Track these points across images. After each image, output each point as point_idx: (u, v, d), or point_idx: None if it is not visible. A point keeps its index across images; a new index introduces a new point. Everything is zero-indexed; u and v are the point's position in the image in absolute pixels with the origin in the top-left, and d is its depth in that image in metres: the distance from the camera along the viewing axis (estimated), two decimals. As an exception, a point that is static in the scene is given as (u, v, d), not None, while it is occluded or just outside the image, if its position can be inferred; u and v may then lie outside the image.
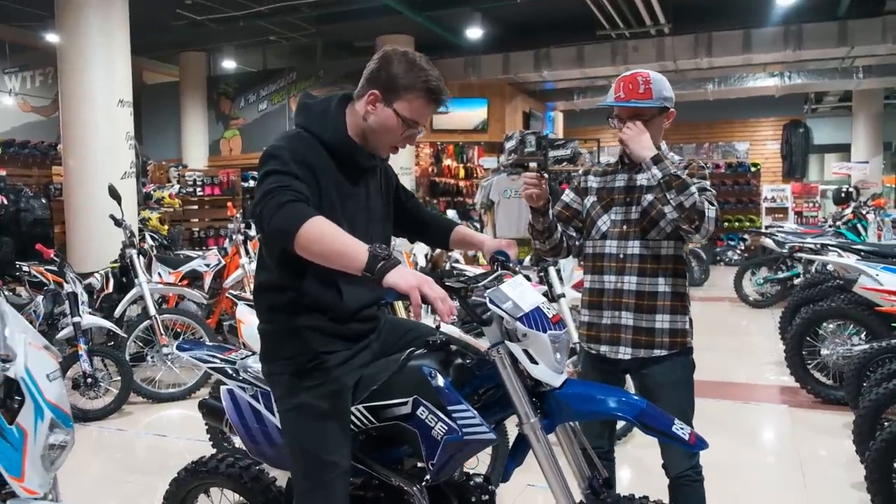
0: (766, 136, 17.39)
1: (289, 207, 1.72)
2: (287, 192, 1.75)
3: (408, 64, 1.91)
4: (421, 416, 1.87)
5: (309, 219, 1.70)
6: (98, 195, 6.58)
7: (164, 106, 15.69)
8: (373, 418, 1.97)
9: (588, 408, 1.86)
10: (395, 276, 1.64)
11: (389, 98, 1.92)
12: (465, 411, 1.83)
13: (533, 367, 1.81)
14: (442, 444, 1.84)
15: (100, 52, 7.38)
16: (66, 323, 5.07)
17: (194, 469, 2.42)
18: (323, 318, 1.95)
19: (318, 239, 1.69)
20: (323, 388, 1.92)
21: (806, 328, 5.16)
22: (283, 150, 1.86)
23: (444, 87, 1.96)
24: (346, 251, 1.68)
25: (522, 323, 1.80)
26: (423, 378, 1.89)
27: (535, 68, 13.24)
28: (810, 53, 11.95)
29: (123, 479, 3.93)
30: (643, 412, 1.81)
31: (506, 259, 2.15)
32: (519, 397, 1.83)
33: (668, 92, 2.35)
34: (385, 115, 1.93)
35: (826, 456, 4.17)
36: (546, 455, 1.84)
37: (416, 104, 1.93)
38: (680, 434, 1.81)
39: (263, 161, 1.87)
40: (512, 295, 1.83)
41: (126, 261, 5.70)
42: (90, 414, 4.94)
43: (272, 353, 2.01)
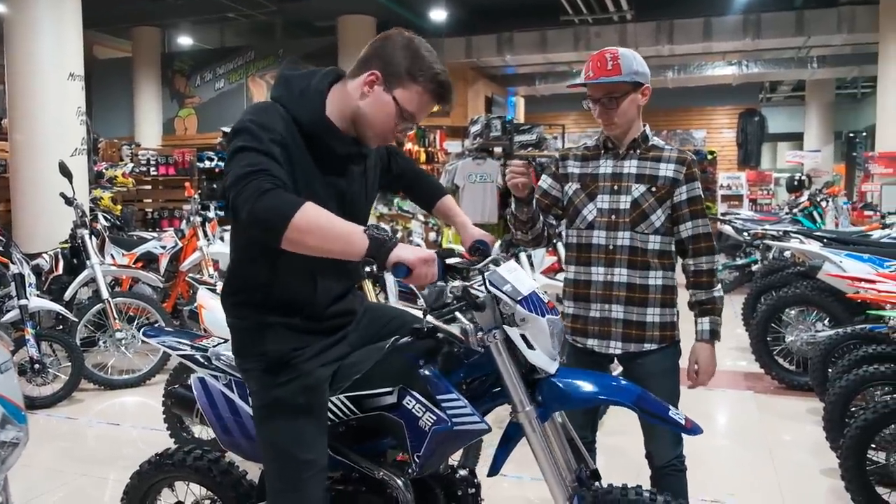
0: (723, 125, 17.70)
1: (271, 196, 1.56)
2: (266, 177, 1.58)
3: (416, 51, 1.75)
4: (407, 405, 1.80)
5: (299, 208, 1.55)
6: (47, 172, 6.32)
7: (115, 82, 15.17)
8: (355, 409, 1.88)
9: (584, 395, 1.81)
10: (401, 251, 1.57)
11: (391, 83, 1.75)
12: (456, 400, 1.77)
13: (530, 352, 1.75)
14: (429, 434, 1.77)
15: (49, 23, 7.04)
16: (12, 306, 4.84)
17: (158, 462, 2.28)
18: (295, 316, 1.85)
19: (312, 231, 1.55)
20: (297, 383, 1.82)
21: (770, 315, 5.23)
22: (256, 124, 1.68)
23: (451, 87, 1.81)
24: (343, 239, 1.57)
25: (522, 306, 1.74)
26: (409, 366, 1.82)
27: (497, 52, 13.20)
28: (768, 42, 12.18)
29: (74, 471, 3.76)
30: (640, 397, 1.79)
31: (486, 248, 2.08)
32: (514, 385, 1.77)
33: (639, 67, 2.28)
34: (383, 100, 1.76)
35: (793, 441, 4.21)
36: (542, 445, 1.79)
37: (419, 96, 1.76)
38: (677, 419, 1.79)
39: (234, 134, 1.69)
40: (510, 278, 1.79)
41: (77, 241, 5.48)
42: (38, 401, 4.73)
43: (243, 349, 1.90)
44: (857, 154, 17.28)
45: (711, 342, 2.33)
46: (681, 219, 2.32)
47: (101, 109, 15.09)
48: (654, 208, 2.30)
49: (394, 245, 1.58)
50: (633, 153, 2.35)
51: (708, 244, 2.33)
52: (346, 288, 1.96)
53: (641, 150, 2.35)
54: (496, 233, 7.57)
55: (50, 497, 3.50)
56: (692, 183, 2.31)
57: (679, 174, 2.30)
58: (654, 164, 2.32)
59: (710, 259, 2.33)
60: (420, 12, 12.68)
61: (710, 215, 10.43)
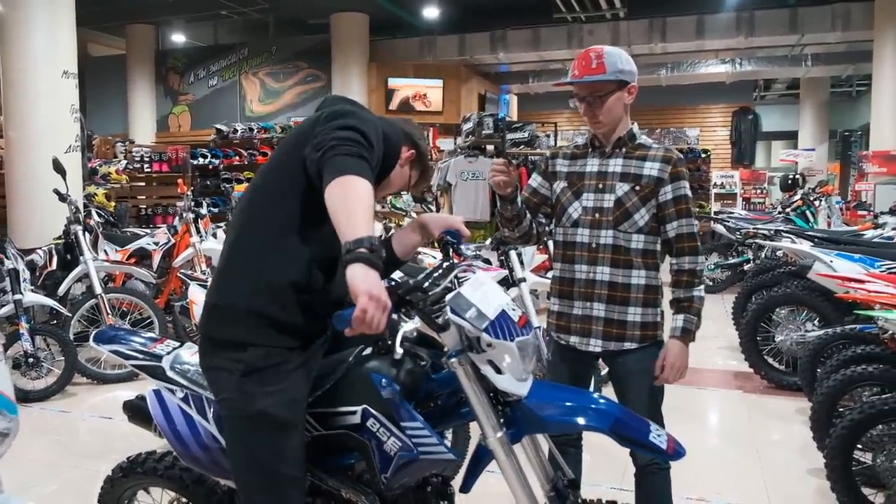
0: (717, 123, 17.75)
1: (362, 161, 1.61)
2: (366, 151, 1.64)
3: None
4: (371, 427, 1.72)
5: (365, 178, 1.57)
6: (41, 169, 6.31)
7: (109, 79, 15.18)
8: (319, 426, 1.80)
9: (558, 419, 1.73)
10: (361, 271, 1.42)
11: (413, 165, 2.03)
12: (420, 428, 1.68)
13: (498, 378, 1.64)
14: (395, 458, 1.70)
15: (43, 21, 7.05)
16: (7, 301, 4.87)
17: (130, 468, 2.20)
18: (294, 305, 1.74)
19: (354, 189, 1.54)
20: (284, 395, 1.71)
21: (760, 314, 5.20)
22: (370, 123, 1.74)
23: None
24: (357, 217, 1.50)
25: (488, 333, 1.62)
26: (371, 386, 1.71)
27: (491, 50, 13.22)
28: (762, 40, 12.22)
29: (66, 463, 3.79)
30: (617, 421, 1.70)
31: (457, 241, 2.00)
32: (484, 412, 1.68)
33: (624, 65, 2.27)
34: (404, 175, 2.02)
35: (781, 441, 4.22)
36: (514, 470, 1.70)
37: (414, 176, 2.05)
38: (657, 444, 1.71)
39: (344, 112, 1.73)
40: (474, 299, 1.64)
41: (71, 237, 5.49)
42: (32, 395, 4.76)
43: (219, 336, 1.76)
44: (851, 153, 17.35)
45: (683, 339, 2.32)
46: (666, 218, 2.32)
47: (95, 106, 15.09)
48: (638, 207, 2.30)
49: (367, 262, 1.43)
50: (619, 152, 2.35)
51: (692, 244, 2.32)
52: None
53: (628, 149, 2.35)
54: (489, 230, 7.59)
55: (43, 488, 3.53)
56: (678, 182, 2.30)
57: (664, 173, 2.29)
58: (640, 163, 2.32)
59: (694, 259, 2.32)
60: (413, 10, 12.70)
61: (703, 214, 10.45)
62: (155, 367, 2.06)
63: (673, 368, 2.32)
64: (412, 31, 13.68)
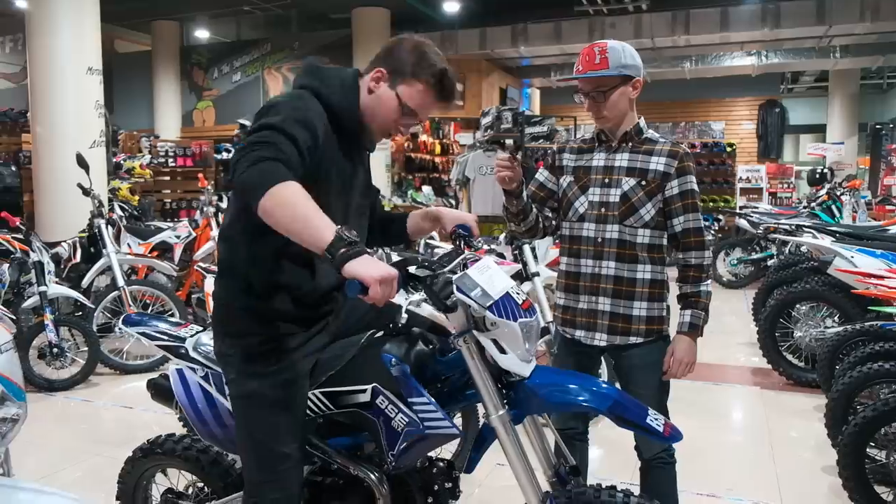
0: (742, 116, 17.51)
1: (266, 165, 1.57)
2: (270, 148, 1.60)
3: (422, 53, 1.85)
4: (380, 405, 1.79)
5: (283, 182, 1.54)
6: (66, 163, 6.44)
7: (136, 75, 15.39)
8: (331, 404, 1.88)
9: (558, 399, 1.78)
10: (358, 264, 1.48)
11: (395, 79, 1.85)
12: (427, 404, 1.75)
13: (502, 357, 1.71)
14: (402, 435, 1.77)
15: (68, 18, 7.18)
16: (33, 292, 5.00)
17: (149, 449, 2.32)
18: (284, 300, 1.82)
19: (286, 204, 1.53)
20: (277, 377, 1.81)
21: (779, 310, 5.16)
22: (285, 105, 1.73)
23: (454, 86, 1.88)
24: (311, 223, 1.52)
25: (492, 312, 1.68)
26: (382, 365, 1.79)
27: (512, 44, 13.17)
28: (788, 32, 12.02)
29: (89, 451, 3.89)
30: (616, 403, 1.74)
31: (468, 235, 2.04)
32: (487, 389, 1.75)
33: (629, 60, 2.27)
34: (387, 95, 1.85)
35: (797, 438, 4.19)
36: (514, 449, 1.76)
37: (420, 93, 1.85)
38: (654, 426, 1.73)
39: (262, 112, 1.73)
40: (480, 281, 1.72)
41: (94, 230, 5.62)
42: (56, 384, 4.89)
43: (223, 328, 1.88)
44: (882, 147, 17.01)
45: (691, 335, 2.33)
46: (673, 213, 2.32)
47: (122, 102, 15.32)
48: (644, 202, 2.30)
49: (355, 254, 1.49)
50: (626, 146, 2.36)
51: (698, 239, 2.32)
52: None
53: (634, 144, 2.35)
54: (506, 225, 7.58)
55: (65, 474, 3.64)
56: (684, 177, 2.30)
57: (670, 168, 2.29)
58: (646, 158, 2.32)
59: (700, 254, 2.33)
60: (434, 4, 12.69)
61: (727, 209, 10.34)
62: (178, 348, 2.18)
63: (680, 364, 2.33)
64: (433, 26, 13.67)
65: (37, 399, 4.79)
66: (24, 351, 4.79)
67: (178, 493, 2.39)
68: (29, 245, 5.17)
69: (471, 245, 2.02)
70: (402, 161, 14.77)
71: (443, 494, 1.95)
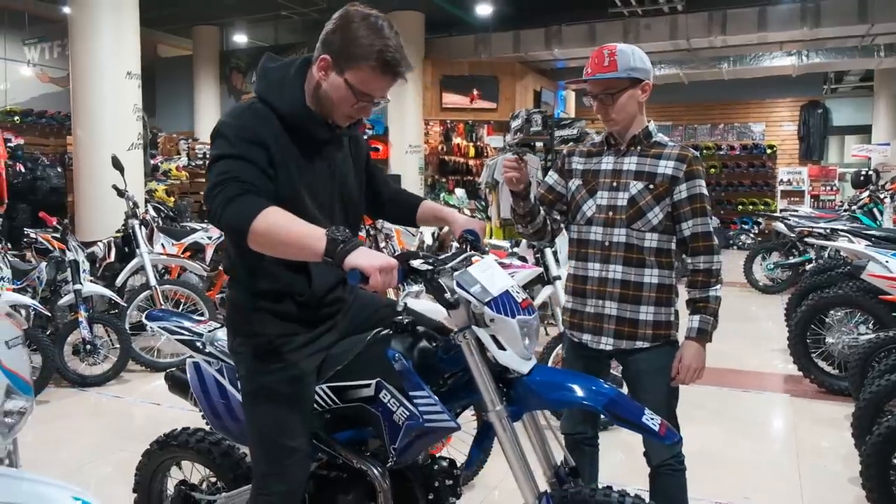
0: (783, 117, 17.11)
1: (237, 202, 1.63)
2: (234, 184, 1.65)
3: (366, 29, 1.74)
4: (383, 399, 1.84)
5: (258, 213, 1.61)
6: (104, 166, 6.59)
7: (177, 79, 15.75)
8: (336, 399, 1.93)
9: (556, 396, 1.80)
10: (357, 257, 1.56)
11: (341, 65, 1.76)
12: (427, 398, 1.79)
13: (500, 353, 1.74)
14: (403, 429, 1.81)
15: (109, 24, 7.39)
16: (69, 290, 5.16)
17: (165, 442, 2.40)
18: (288, 303, 1.88)
19: (272, 233, 1.61)
20: (284, 373, 1.86)
21: (811, 315, 5.05)
22: (231, 127, 1.75)
23: (401, 58, 1.77)
24: (302, 241, 1.60)
25: (490, 308, 1.72)
26: (386, 361, 1.85)
27: (545, 46, 13.11)
28: (829, 31, 11.72)
29: (116, 446, 3.99)
30: (612, 401, 1.74)
31: (475, 239, 2.06)
32: (485, 384, 1.78)
33: (637, 63, 2.28)
34: (336, 84, 1.78)
35: (825, 448, 4.09)
36: (511, 444, 1.79)
37: (369, 75, 1.76)
38: (650, 425, 1.73)
39: (213, 140, 1.77)
40: (480, 278, 1.76)
41: (128, 231, 5.77)
42: (88, 380, 5.04)
43: (234, 328, 1.95)
44: (930, 148, 16.48)
45: (699, 340, 2.31)
46: (681, 217, 2.31)
47: (164, 105, 15.70)
48: (652, 206, 2.29)
49: (352, 248, 1.57)
50: (635, 150, 2.35)
51: (707, 243, 2.31)
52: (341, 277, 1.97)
53: (643, 147, 2.35)
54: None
55: (93, 468, 3.76)
56: (693, 181, 2.29)
57: (679, 171, 2.28)
58: (654, 162, 2.31)
59: (709, 258, 2.31)
60: (467, 7, 12.73)
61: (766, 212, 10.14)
62: (195, 342, 2.26)
63: (689, 370, 2.31)
64: (467, 29, 13.70)
65: (70, 394, 4.95)
66: (59, 347, 4.95)
67: (191, 484, 2.47)
68: (66, 244, 5.34)
69: (477, 248, 2.04)
70: (435, 164, 14.86)
71: (444, 491, 1.97)
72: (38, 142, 10.55)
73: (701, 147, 16.25)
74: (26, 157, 9.08)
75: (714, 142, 16.43)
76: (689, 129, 16.76)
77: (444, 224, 2.21)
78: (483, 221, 2.21)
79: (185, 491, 2.44)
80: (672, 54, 13.53)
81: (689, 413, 4.42)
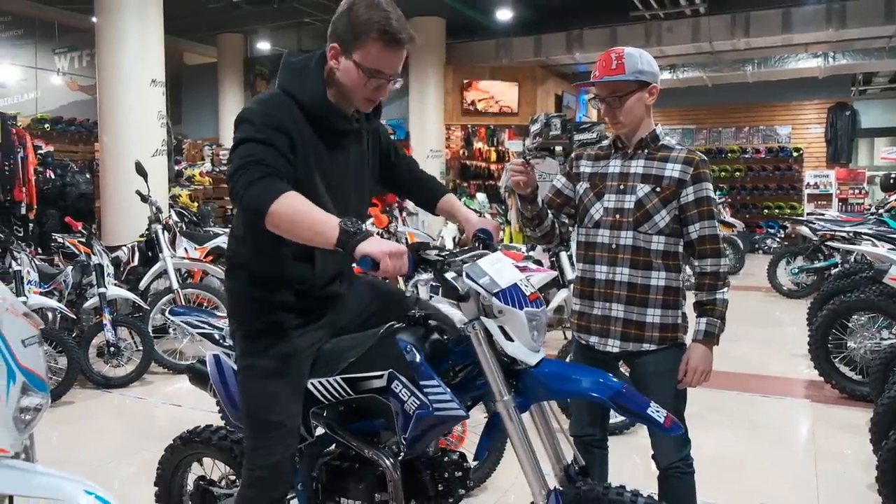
0: (810, 120, 16.88)
1: (259, 184, 1.72)
2: (258, 167, 1.74)
3: (365, 7, 1.83)
4: (395, 389, 1.88)
5: (279, 196, 1.69)
6: (129, 172, 6.70)
7: (202, 86, 15.97)
8: (350, 390, 1.98)
9: (563, 387, 1.83)
10: (368, 245, 1.64)
11: (348, 49, 1.85)
12: (437, 387, 1.83)
13: (508, 343, 1.78)
14: (414, 418, 1.84)
15: (134, 32, 7.55)
16: (93, 293, 5.27)
17: (188, 438, 2.49)
18: (285, 293, 1.97)
19: (289, 215, 1.69)
20: (273, 350, 1.96)
21: (832, 320, 5.00)
22: (257, 113, 1.83)
23: (400, 27, 1.84)
24: (316, 227, 1.68)
25: (498, 299, 1.76)
26: (398, 351, 1.90)
27: (567, 50, 13.09)
28: (855, 32, 11.56)
29: (139, 446, 4.07)
30: (618, 393, 1.77)
31: (488, 238, 2.11)
32: (493, 373, 1.81)
33: (644, 66, 2.29)
34: (346, 67, 1.87)
35: (844, 453, 4.04)
36: (518, 434, 1.81)
37: (374, 51, 1.83)
38: (655, 416, 1.75)
39: (237, 125, 1.84)
40: (489, 270, 1.80)
41: (152, 235, 5.88)
42: (112, 381, 5.14)
43: (232, 314, 2.07)
44: (962, 150, 16.14)
45: (706, 343, 2.31)
46: (688, 220, 2.31)
47: (189, 112, 15.93)
48: (658, 209, 2.30)
49: (363, 238, 1.65)
50: (642, 153, 2.37)
51: (714, 246, 2.31)
52: (341, 268, 2.07)
53: (650, 150, 2.36)
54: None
55: (115, 467, 3.84)
56: (700, 184, 2.29)
57: (685, 174, 2.29)
58: (661, 165, 2.32)
59: (716, 261, 2.31)
60: (488, 12, 12.76)
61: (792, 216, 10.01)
62: (215, 335, 2.38)
63: (696, 372, 2.31)
64: (488, 34, 13.74)
65: (94, 395, 5.05)
66: (83, 349, 5.06)
67: (210, 480, 2.55)
68: (91, 248, 5.46)
69: (489, 247, 2.08)
70: (457, 168, 14.89)
71: (453, 483, 2.02)
72: (68, 149, 10.79)
73: (726, 150, 16.09)
74: (56, 164, 9.29)
75: (739, 145, 16.25)
76: (713, 131, 16.60)
77: (457, 221, 2.27)
78: (497, 222, 2.23)
79: (204, 486, 2.52)
80: (695, 57, 13.43)
81: (708, 418, 4.46)
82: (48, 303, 4.98)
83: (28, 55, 13.85)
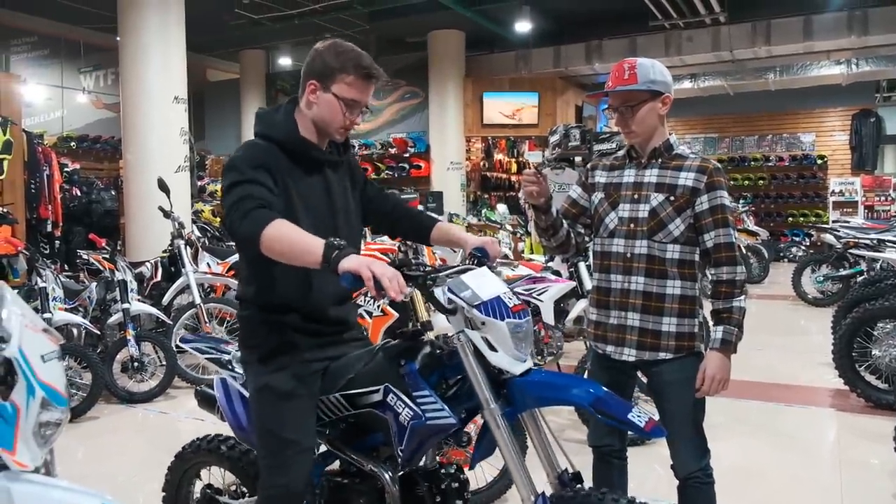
0: (834, 127, 16.68)
1: (251, 216, 1.88)
2: (248, 201, 1.90)
3: (336, 50, 2.06)
4: (391, 402, 1.95)
5: (270, 222, 1.84)
6: (153, 188, 6.79)
7: (225, 102, 16.14)
8: (349, 406, 2.06)
9: (548, 394, 1.88)
10: (349, 261, 1.73)
11: (326, 85, 2.06)
12: (428, 397, 1.90)
13: (492, 354, 1.84)
14: (408, 429, 1.90)
15: (157, 50, 7.65)
16: (117, 309, 5.34)
17: (197, 446, 2.56)
18: (294, 316, 2.08)
19: (279, 239, 1.83)
20: (286, 371, 2.05)
21: (856, 328, 4.96)
22: (240, 159, 2.02)
23: (373, 64, 2.08)
24: (303, 247, 1.81)
25: (480, 311, 1.83)
26: (393, 367, 1.97)
27: (586, 61, 13.07)
28: (878, 39, 11.41)
29: (164, 461, 4.04)
30: (599, 399, 1.81)
31: (483, 255, 2.16)
32: (479, 383, 1.87)
33: (657, 76, 2.31)
34: (326, 100, 2.07)
35: (870, 464, 3.99)
36: (506, 441, 1.86)
37: (351, 84, 2.05)
38: (635, 421, 1.79)
39: (224, 174, 2.03)
40: (472, 284, 1.87)
41: (174, 250, 5.95)
42: (136, 396, 5.19)
43: (244, 342, 2.17)
44: None
45: (724, 351, 2.29)
46: (703, 228, 2.31)
47: (212, 128, 16.11)
48: (673, 217, 2.31)
49: (344, 255, 1.74)
50: (655, 162, 2.38)
51: (729, 254, 2.31)
52: (342, 292, 2.13)
53: (664, 159, 2.37)
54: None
55: (140, 482, 3.89)
56: (714, 192, 2.30)
57: (699, 183, 2.30)
58: (675, 174, 2.33)
59: (732, 269, 2.30)
60: (507, 24, 12.79)
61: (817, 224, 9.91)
62: (222, 360, 2.47)
63: (713, 381, 2.30)
64: (507, 46, 13.76)
65: (118, 410, 5.11)
66: (108, 364, 5.13)
67: (217, 489, 2.60)
68: (115, 265, 5.54)
69: (482, 265, 2.11)
70: (477, 180, 14.90)
71: (451, 495, 2.05)
72: (93, 166, 10.98)
73: (749, 158, 15.96)
74: (82, 181, 9.45)
75: (762, 153, 16.11)
76: (735, 140, 16.46)
77: (457, 246, 2.35)
78: (495, 240, 2.26)
79: (211, 494, 2.57)
80: (716, 66, 13.34)
81: (732, 427, 4.41)
82: (73, 319, 5.06)
83: (54, 74, 14.10)
